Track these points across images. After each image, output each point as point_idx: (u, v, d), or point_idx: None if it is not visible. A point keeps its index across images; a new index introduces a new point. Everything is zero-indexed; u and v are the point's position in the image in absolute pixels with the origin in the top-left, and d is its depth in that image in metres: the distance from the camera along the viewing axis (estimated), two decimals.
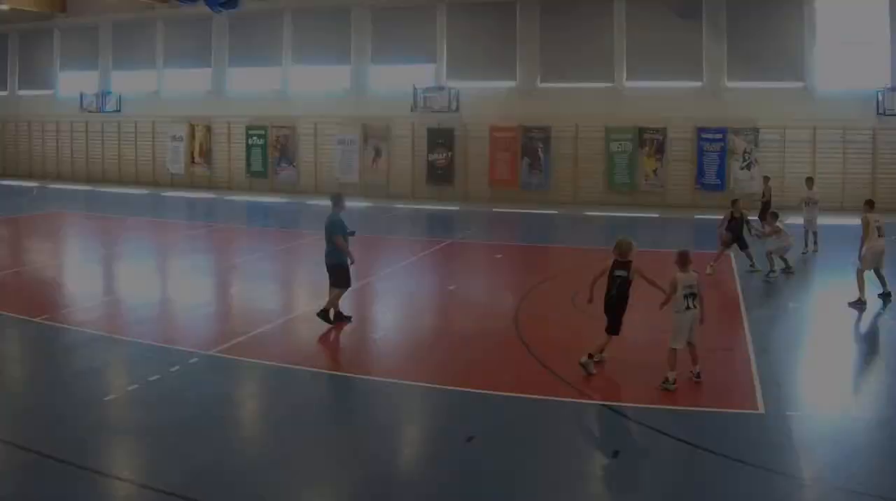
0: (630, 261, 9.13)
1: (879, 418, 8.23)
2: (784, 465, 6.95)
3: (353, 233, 11.44)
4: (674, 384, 8.68)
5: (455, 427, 7.90)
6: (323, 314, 11.18)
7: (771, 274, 14.81)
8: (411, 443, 7.88)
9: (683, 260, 8.95)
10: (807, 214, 17.92)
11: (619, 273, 9.11)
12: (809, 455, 7.27)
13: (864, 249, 12.93)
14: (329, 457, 7.32)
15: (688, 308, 8.78)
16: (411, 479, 7.03)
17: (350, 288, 11.66)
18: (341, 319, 11.31)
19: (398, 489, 6.74)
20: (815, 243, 17.76)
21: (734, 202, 15.87)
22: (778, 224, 15.19)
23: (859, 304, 12.55)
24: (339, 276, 11.24)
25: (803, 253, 17.27)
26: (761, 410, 8.22)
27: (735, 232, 15.47)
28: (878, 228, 12.97)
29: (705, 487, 6.71)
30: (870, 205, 13.36)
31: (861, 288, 12.68)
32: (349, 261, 11.22)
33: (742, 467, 6.87)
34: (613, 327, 9.22)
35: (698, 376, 8.89)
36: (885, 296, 12.92)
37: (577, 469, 7.15)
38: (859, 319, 12.19)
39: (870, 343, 11.59)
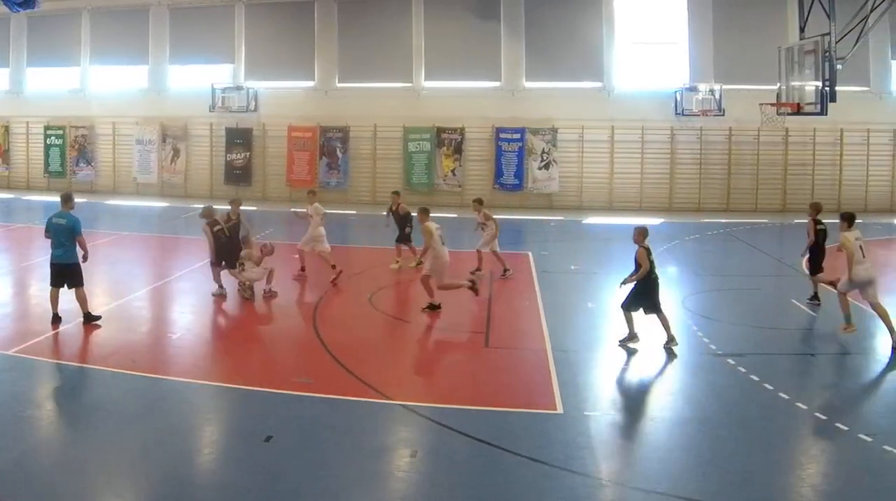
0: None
1: (677, 418, 8.23)
2: (583, 465, 6.94)
3: None
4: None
5: (253, 426, 7.83)
6: (90, 316, 11.17)
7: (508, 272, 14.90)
8: (209, 443, 7.75)
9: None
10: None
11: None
12: (608, 454, 7.29)
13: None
14: (127, 457, 7.17)
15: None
16: (209, 479, 6.94)
17: (145, 289, 11.76)
18: (92, 320, 11.21)
19: (195, 489, 6.66)
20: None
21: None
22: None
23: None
24: (80, 275, 11.16)
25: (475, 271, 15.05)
26: (560, 410, 8.23)
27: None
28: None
29: (504, 487, 6.60)
30: None
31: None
32: (83, 259, 11.18)
33: (541, 467, 6.87)
34: None
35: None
36: None
37: (375, 469, 7.06)
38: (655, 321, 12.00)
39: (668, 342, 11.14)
